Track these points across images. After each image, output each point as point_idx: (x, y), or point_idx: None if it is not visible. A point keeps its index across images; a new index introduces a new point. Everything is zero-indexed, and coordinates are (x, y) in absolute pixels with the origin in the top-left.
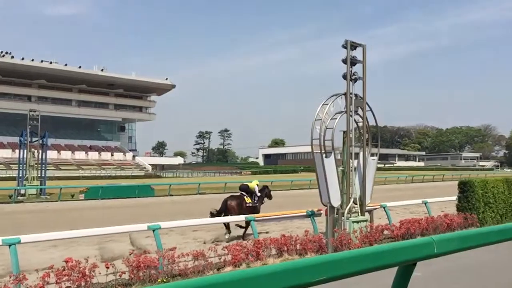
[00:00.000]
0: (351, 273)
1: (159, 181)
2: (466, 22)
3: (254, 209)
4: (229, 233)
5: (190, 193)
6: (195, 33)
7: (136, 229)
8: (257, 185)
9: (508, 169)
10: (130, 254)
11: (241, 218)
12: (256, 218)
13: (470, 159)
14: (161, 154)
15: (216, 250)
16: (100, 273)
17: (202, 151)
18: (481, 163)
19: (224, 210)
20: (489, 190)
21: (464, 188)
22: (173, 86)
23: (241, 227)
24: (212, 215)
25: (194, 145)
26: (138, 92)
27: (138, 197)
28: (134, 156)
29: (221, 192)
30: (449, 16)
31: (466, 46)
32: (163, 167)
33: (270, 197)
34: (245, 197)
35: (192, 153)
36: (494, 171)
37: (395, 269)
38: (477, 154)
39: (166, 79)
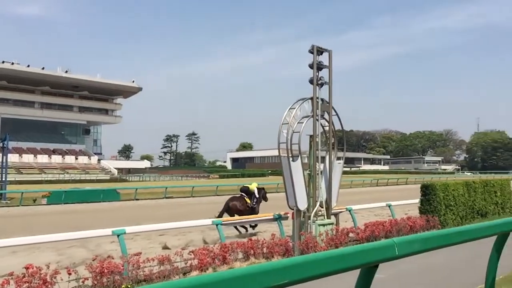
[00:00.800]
0: (315, 276)
1: (125, 185)
2: (433, 27)
3: (253, 210)
4: (240, 232)
5: (156, 197)
6: (165, 36)
7: (100, 234)
8: (256, 187)
9: (468, 172)
10: (93, 260)
11: (208, 222)
12: (224, 222)
13: (433, 163)
14: (128, 157)
15: (182, 254)
16: (62, 280)
17: (169, 154)
18: (443, 167)
19: (227, 210)
20: (450, 193)
21: (426, 191)
22: (140, 89)
23: (251, 227)
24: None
25: (161, 148)
26: (104, 95)
27: (103, 201)
28: (99, 160)
29: (188, 196)
30: (417, 22)
31: (432, 52)
32: (129, 171)
33: (266, 199)
34: (245, 198)
35: (159, 156)
36: (455, 175)
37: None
38: (439, 158)
39: (133, 81)
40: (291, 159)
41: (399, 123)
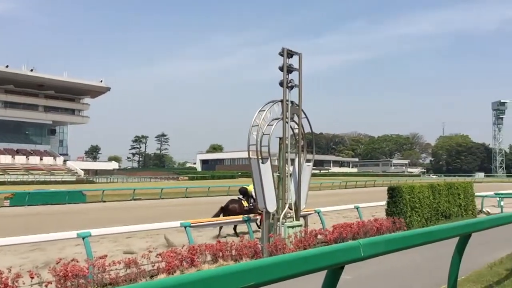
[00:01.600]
0: (282, 277)
1: (92, 187)
2: (402, 33)
3: (251, 211)
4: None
5: (124, 199)
6: (134, 36)
7: (64, 237)
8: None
9: (434, 175)
10: (57, 263)
11: (177, 224)
12: (192, 224)
13: (400, 166)
14: (95, 158)
15: (149, 257)
16: (24, 283)
17: (138, 156)
18: (410, 170)
19: (224, 211)
20: (416, 196)
21: (393, 193)
22: (108, 89)
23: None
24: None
25: (130, 149)
26: (71, 94)
27: (69, 203)
28: (65, 161)
29: (157, 198)
30: (387, 28)
31: (401, 57)
32: (96, 172)
33: None
34: (242, 201)
35: (128, 158)
36: (420, 178)
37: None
38: (406, 161)
39: (101, 81)
40: (260, 161)
41: (367, 126)
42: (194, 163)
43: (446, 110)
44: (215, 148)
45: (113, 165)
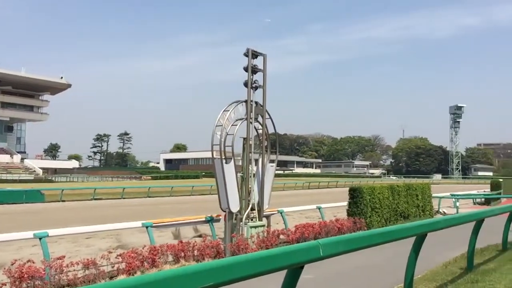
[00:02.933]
0: (242, 277)
1: (51, 186)
2: (364, 37)
3: None
4: None
5: (84, 198)
6: (97, 32)
7: (21, 237)
8: None
9: (394, 176)
10: (12, 264)
11: (138, 224)
12: (155, 224)
13: (361, 167)
14: (54, 157)
15: (109, 258)
16: None
17: (99, 154)
18: (371, 171)
19: None
20: (376, 196)
21: (354, 194)
22: (69, 86)
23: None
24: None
25: (91, 148)
26: (29, 90)
27: (26, 202)
28: (22, 159)
29: (118, 197)
30: (350, 32)
31: (362, 61)
32: (55, 171)
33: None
34: None
35: (89, 156)
36: (381, 179)
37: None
38: (367, 163)
39: (61, 77)
40: (224, 161)
41: (331, 128)
42: (158, 163)
43: (406, 114)
44: (179, 148)
45: (73, 163)
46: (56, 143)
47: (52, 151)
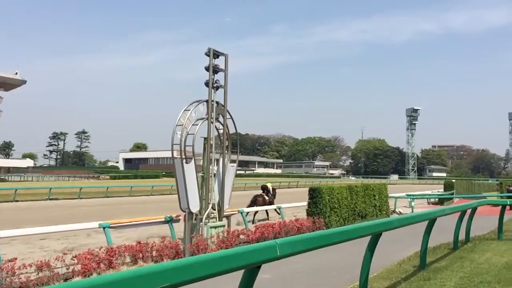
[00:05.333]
0: (199, 278)
1: (3, 185)
2: (328, 39)
3: (270, 203)
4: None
5: (39, 198)
6: (55, 28)
7: None
8: (271, 187)
9: (353, 177)
10: None
11: (95, 225)
12: (112, 225)
13: (321, 167)
14: (7, 155)
15: (64, 259)
16: None
17: (55, 153)
18: (331, 171)
19: (254, 203)
20: (335, 196)
21: (314, 194)
22: (24, 82)
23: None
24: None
25: (47, 146)
26: None
27: None
28: None
29: (75, 197)
30: (312, 33)
31: (324, 62)
32: (8, 170)
33: (274, 196)
34: (264, 195)
35: (44, 155)
36: (340, 179)
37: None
38: (327, 163)
39: (16, 73)
40: (184, 161)
41: (292, 128)
42: (117, 162)
43: (365, 115)
44: (139, 147)
45: (28, 162)
46: (9, 141)
47: (5, 149)
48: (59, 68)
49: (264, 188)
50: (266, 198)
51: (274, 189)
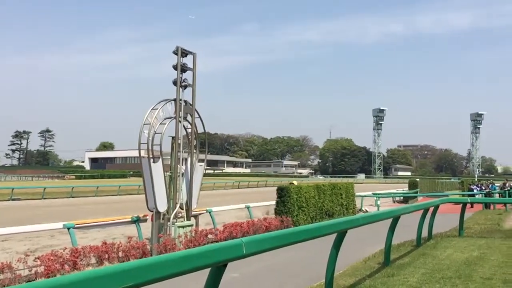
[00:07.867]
0: (164, 277)
1: None
2: (298, 40)
3: None
4: None
5: (1, 199)
6: (17, 24)
7: None
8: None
9: (321, 176)
10: None
11: (59, 225)
12: (77, 225)
13: (290, 167)
14: None
15: (27, 261)
16: None
17: (18, 152)
18: (299, 171)
19: None
20: (303, 195)
21: (282, 193)
22: None
23: None
24: None
25: (9, 145)
26: None
27: None
28: None
29: (39, 198)
30: (281, 34)
31: (293, 62)
32: None
33: None
34: None
35: (6, 154)
36: (309, 178)
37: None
38: (296, 162)
39: None
40: (152, 160)
41: (261, 128)
42: (83, 162)
43: (333, 115)
44: (106, 146)
45: None
46: None
47: None
48: (22, 65)
49: None
50: None
51: None
